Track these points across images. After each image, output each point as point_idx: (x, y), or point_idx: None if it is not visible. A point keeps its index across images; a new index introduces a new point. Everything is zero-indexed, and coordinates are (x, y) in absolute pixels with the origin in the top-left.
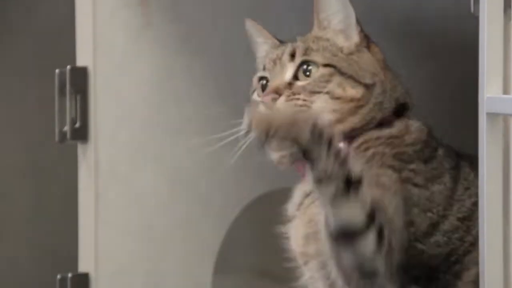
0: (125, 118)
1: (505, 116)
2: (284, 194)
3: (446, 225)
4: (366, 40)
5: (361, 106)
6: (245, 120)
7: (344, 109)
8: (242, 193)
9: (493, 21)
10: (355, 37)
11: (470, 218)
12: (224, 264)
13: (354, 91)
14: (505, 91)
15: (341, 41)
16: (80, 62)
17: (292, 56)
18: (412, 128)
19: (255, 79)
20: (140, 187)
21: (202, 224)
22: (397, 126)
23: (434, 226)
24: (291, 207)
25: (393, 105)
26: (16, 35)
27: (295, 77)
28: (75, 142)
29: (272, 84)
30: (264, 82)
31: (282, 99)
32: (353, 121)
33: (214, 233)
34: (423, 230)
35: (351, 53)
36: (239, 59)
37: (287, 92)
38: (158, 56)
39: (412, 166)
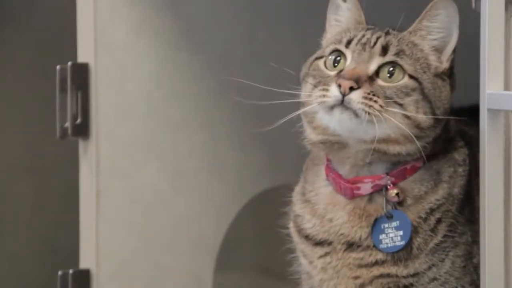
0: (126, 114)
1: (506, 112)
2: (285, 191)
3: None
4: (451, 72)
5: (421, 137)
6: None
7: (405, 132)
8: (243, 190)
9: (495, 17)
10: (445, 63)
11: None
12: (225, 261)
13: (424, 117)
14: (506, 88)
15: (432, 59)
16: (81, 58)
17: (384, 50)
18: (460, 159)
19: (327, 49)
20: (141, 184)
21: (203, 221)
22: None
23: None
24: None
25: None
26: (18, 31)
27: (377, 72)
28: (76, 139)
29: (354, 70)
30: (339, 57)
31: (359, 93)
32: (410, 148)
33: (215, 230)
34: None
35: (437, 76)
36: (239, 55)
37: (366, 88)
38: (159, 52)
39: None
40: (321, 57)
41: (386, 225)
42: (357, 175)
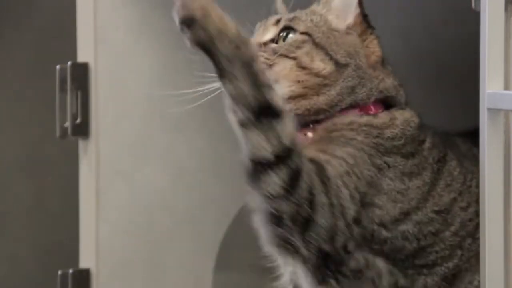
0: (126, 114)
1: (506, 112)
2: None
3: (419, 216)
4: (363, 29)
5: (326, 85)
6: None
7: (308, 83)
8: (243, 190)
9: (495, 16)
10: (349, 19)
11: (447, 212)
12: (224, 261)
13: (322, 65)
14: (506, 87)
15: (332, 18)
16: (81, 58)
17: (277, 21)
18: (397, 121)
19: None
20: (141, 183)
21: (203, 221)
22: (381, 118)
23: (405, 215)
24: None
25: (379, 96)
26: (17, 30)
27: (274, 41)
28: (76, 138)
29: None
30: None
31: None
32: (317, 100)
33: (215, 230)
34: (392, 215)
35: (336, 30)
36: None
37: None
38: (159, 52)
39: (387, 159)
40: None
41: None
42: None
